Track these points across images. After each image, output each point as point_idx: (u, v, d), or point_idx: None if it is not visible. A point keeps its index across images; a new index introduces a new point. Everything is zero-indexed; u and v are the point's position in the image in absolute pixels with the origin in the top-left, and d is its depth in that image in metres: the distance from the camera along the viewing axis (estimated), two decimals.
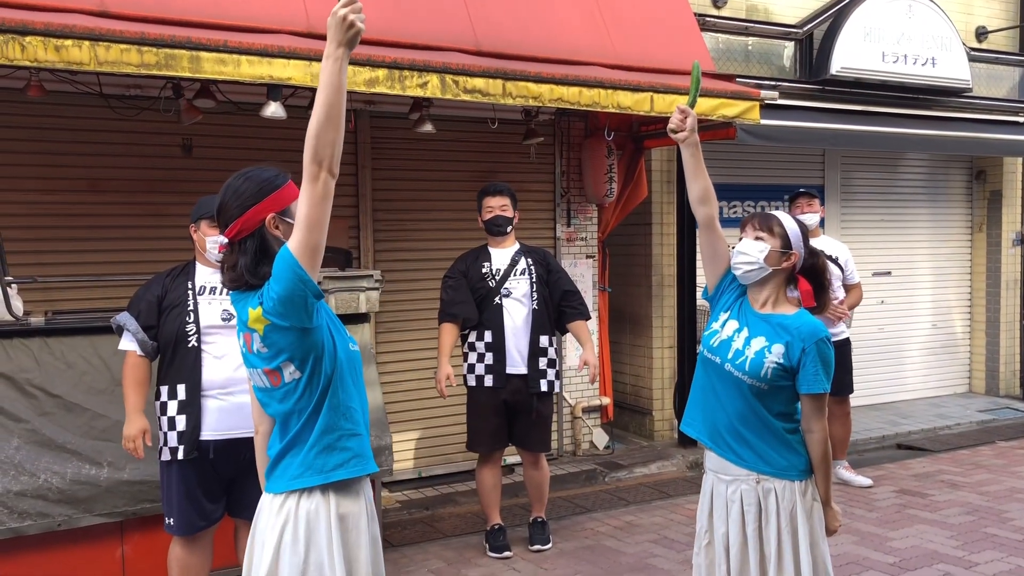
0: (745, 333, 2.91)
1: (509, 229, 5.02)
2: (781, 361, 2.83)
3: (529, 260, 5.04)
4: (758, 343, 2.87)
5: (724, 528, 2.96)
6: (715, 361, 2.95)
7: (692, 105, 2.97)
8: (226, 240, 2.35)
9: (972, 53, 8.65)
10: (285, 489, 2.34)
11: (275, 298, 2.21)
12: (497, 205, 4.98)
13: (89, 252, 5.29)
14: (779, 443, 2.89)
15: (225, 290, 3.62)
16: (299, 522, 2.31)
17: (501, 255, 5.04)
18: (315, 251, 2.18)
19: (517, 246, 5.09)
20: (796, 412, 2.93)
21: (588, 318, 5.15)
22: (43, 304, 4.87)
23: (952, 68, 8.31)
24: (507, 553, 4.92)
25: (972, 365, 9.68)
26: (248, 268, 2.32)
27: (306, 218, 2.15)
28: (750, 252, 2.92)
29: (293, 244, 2.18)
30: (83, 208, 5.29)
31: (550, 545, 5.07)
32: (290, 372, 2.30)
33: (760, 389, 2.86)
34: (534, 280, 4.98)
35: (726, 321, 2.99)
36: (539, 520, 5.14)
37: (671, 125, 2.91)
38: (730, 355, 2.90)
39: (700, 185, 2.98)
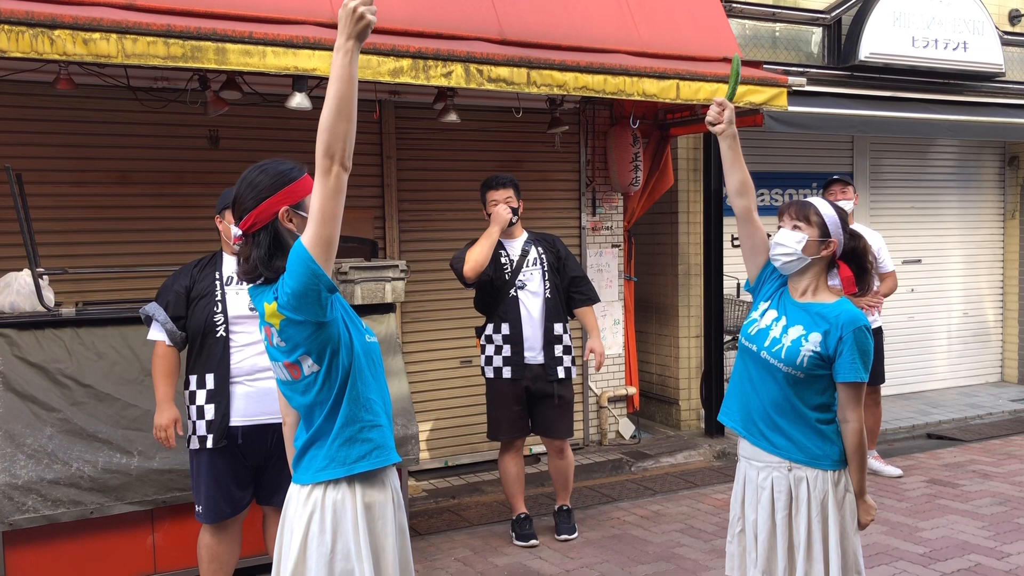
0: (783, 322, 2.89)
1: (515, 220, 5.01)
2: (818, 349, 2.80)
3: (539, 249, 5.04)
4: (795, 331, 2.84)
5: (754, 515, 2.94)
6: (752, 349, 2.94)
7: (731, 98, 2.98)
8: (240, 232, 2.36)
9: (1005, 37, 8.49)
10: (311, 481, 2.37)
11: (289, 293, 2.21)
12: (501, 198, 4.94)
13: (119, 243, 5.34)
14: (813, 432, 2.86)
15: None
16: (326, 512, 2.33)
17: (512, 246, 5.03)
18: (328, 245, 2.17)
19: (525, 235, 5.09)
20: (833, 403, 2.89)
21: (596, 302, 5.16)
22: (74, 295, 4.93)
23: (984, 52, 8.17)
24: (533, 542, 4.93)
25: (1004, 354, 9.54)
26: (262, 261, 2.32)
27: (319, 212, 2.14)
28: (787, 243, 2.88)
29: (306, 238, 2.17)
30: (112, 200, 5.35)
31: (576, 535, 5.07)
32: (308, 365, 2.32)
33: (796, 377, 2.83)
34: (546, 269, 5.00)
35: (765, 311, 2.97)
36: (564, 508, 5.14)
37: (709, 118, 2.93)
38: (767, 343, 2.88)
39: (738, 177, 2.97)
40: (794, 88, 6.06)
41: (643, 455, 6.71)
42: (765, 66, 6.47)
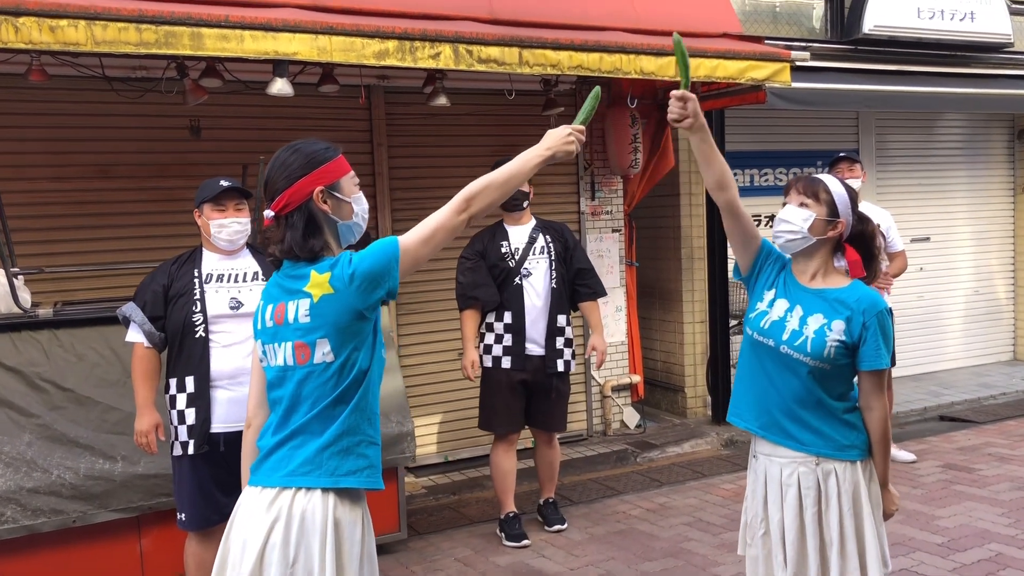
0: (799, 312, 2.70)
1: (526, 204, 4.84)
2: (843, 338, 2.63)
3: (547, 237, 4.88)
4: (816, 321, 2.66)
5: (779, 515, 2.75)
6: (768, 344, 2.73)
7: (687, 86, 2.61)
8: (272, 214, 2.27)
9: (1013, 6, 8.28)
10: (279, 484, 2.18)
11: (357, 266, 2.17)
12: None
13: (99, 240, 5.18)
14: (839, 423, 2.70)
15: (233, 278, 3.52)
16: (292, 521, 2.14)
17: (518, 232, 4.86)
18: (416, 261, 2.24)
19: (533, 222, 4.93)
20: (853, 390, 2.74)
21: (602, 296, 4.99)
22: (53, 295, 4.77)
23: (992, 22, 7.95)
24: (526, 542, 4.76)
25: (1016, 331, 9.36)
26: (297, 243, 2.22)
27: (430, 234, 2.22)
28: (793, 220, 2.70)
29: (404, 242, 2.21)
30: (92, 195, 5.18)
31: (567, 524, 4.96)
32: (323, 352, 2.18)
33: (823, 370, 2.65)
34: (553, 258, 4.84)
35: (773, 300, 2.77)
36: (551, 501, 5.05)
37: (672, 116, 2.60)
38: (785, 336, 2.69)
39: (716, 170, 2.70)
40: (797, 63, 5.86)
41: (649, 445, 6.54)
42: (767, 41, 6.26)
